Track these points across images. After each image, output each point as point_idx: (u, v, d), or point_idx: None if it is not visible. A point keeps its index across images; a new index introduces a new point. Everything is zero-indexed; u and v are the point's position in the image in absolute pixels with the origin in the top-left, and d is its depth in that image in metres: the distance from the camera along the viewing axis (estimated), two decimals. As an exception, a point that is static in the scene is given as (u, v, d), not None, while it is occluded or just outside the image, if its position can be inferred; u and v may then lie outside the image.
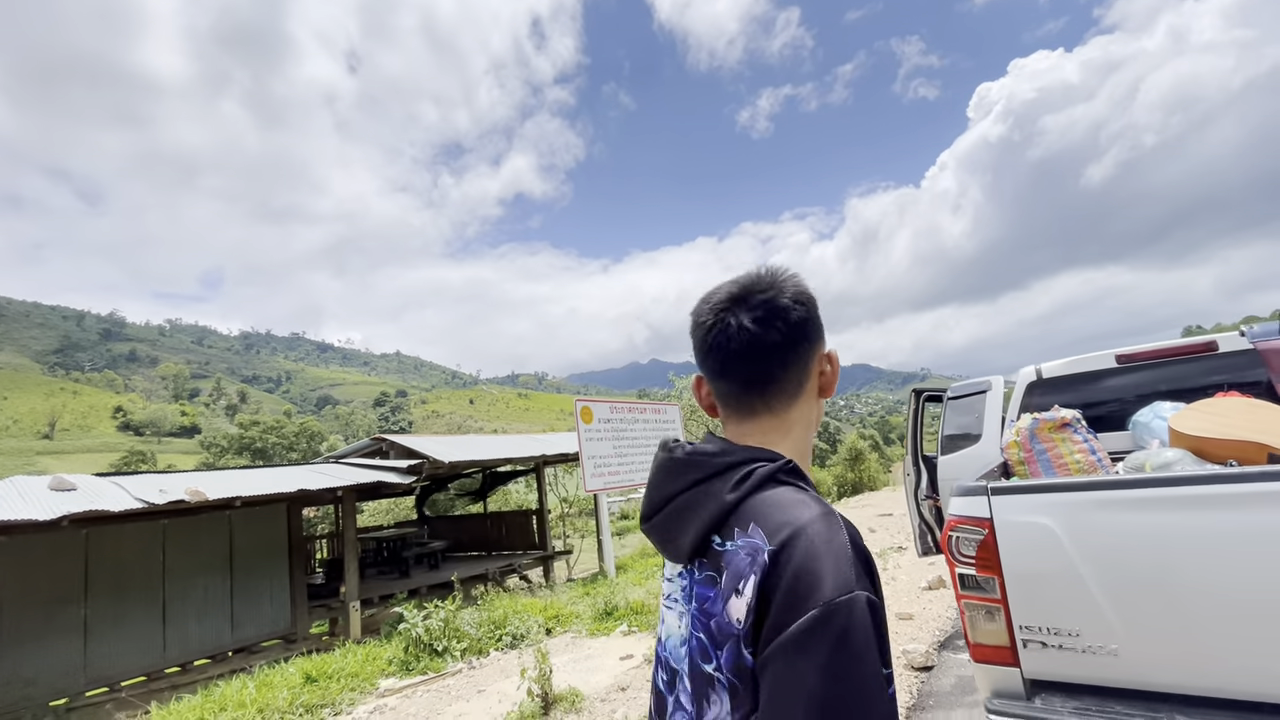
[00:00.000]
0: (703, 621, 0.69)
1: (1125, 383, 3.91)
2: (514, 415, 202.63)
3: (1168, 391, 3.73)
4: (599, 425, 9.03)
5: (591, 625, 6.40)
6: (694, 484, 0.73)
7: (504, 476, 15.30)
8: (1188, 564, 1.80)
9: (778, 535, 0.63)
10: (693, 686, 0.69)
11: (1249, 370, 3.50)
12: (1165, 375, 3.78)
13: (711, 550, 0.70)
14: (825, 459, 49.99)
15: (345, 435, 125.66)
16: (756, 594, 0.62)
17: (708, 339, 0.78)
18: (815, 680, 0.54)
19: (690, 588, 0.73)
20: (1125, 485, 1.92)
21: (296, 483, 7.55)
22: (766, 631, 0.60)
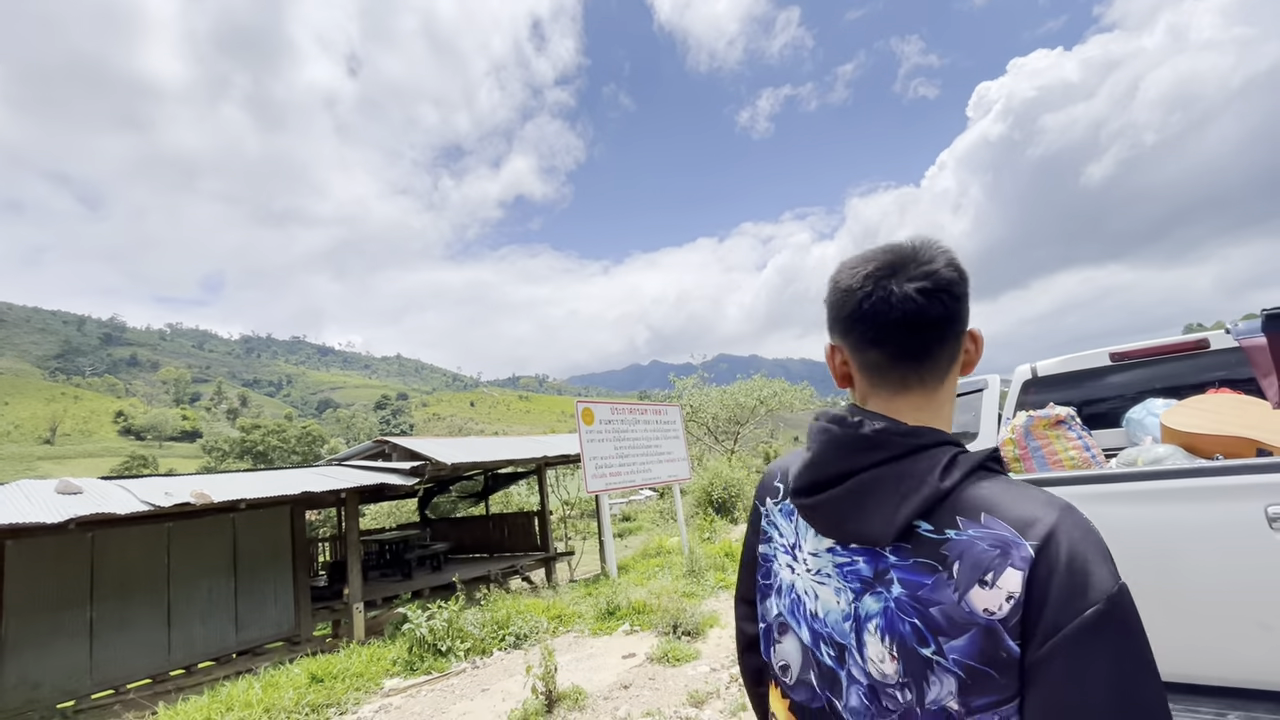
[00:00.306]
0: (915, 608, 0.69)
1: (1119, 380, 3.96)
2: (515, 417, 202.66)
3: (1161, 389, 3.78)
4: (600, 426, 9.07)
5: (594, 625, 6.45)
6: (881, 462, 0.72)
7: (506, 478, 15.35)
8: (1179, 555, 1.85)
9: (1033, 530, 0.65)
10: (906, 666, 0.69)
11: (1241, 367, 3.55)
12: (1159, 373, 3.84)
13: (919, 536, 0.70)
14: (826, 459, 50.09)
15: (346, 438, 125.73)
16: (1025, 588, 0.63)
17: (862, 306, 0.75)
18: (1115, 666, 0.59)
19: (879, 570, 0.72)
20: (1117, 479, 1.97)
21: (300, 485, 7.61)
22: (1045, 625, 0.62)
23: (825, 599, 0.78)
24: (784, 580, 0.85)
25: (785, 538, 0.86)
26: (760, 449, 32.64)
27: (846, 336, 0.79)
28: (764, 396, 26.75)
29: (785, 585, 0.85)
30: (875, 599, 0.72)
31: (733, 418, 27.13)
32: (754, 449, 31.21)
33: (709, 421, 26.84)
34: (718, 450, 27.49)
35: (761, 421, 28.91)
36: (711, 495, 15.58)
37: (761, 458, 30.93)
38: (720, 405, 26.50)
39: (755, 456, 30.45)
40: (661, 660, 5.22)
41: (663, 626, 6.00)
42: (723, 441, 28.08)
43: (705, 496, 15.63)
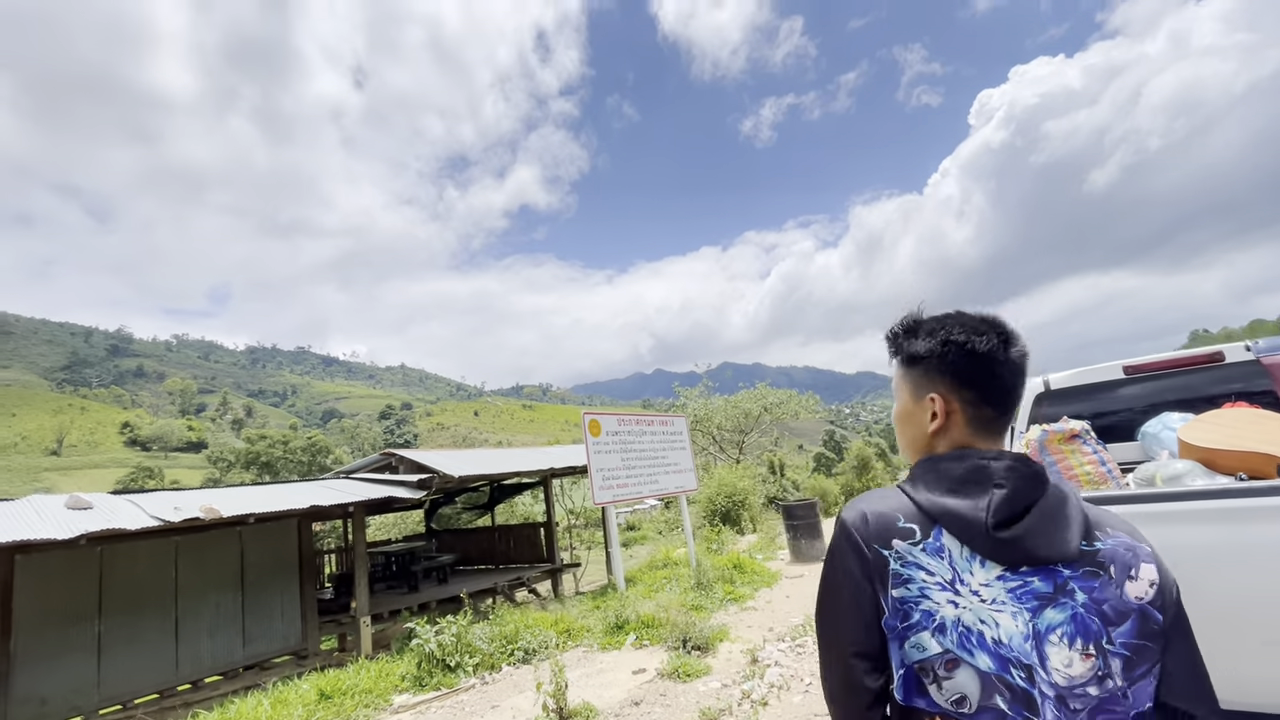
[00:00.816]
0: (1096, 608, 0.86)
1: (1133, 393, 3.93)
2: (519, 427, 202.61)
3: (1175, 402, 3.75)
4: (607, 438, 9.05)
5: (602, 639, 6.41)
6: (1045, 494, 0.90)
7: (511, 489, 15.33)
8: (1207, 577, 1.83)
9: (1138, 535, 0.93)
10: (1101, 660, 0.85)
11: (1256, 380, 3.52)
12: (1172, 385, 3.81)
13: (1082, 551, 0.89)
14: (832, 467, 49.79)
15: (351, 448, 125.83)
16: (1159, 575, 0.89)
17: (1003, 369, 0.96)
18: (1190, 623, 0.89)
19: (1059, 584, 0.88)
20: (1146, 499, 1.95)
21: (308, 499, 7.61)
22: (1169, 598, 0.88)
23: (1005, 624, 0.87)
24: (945, 616, 0.90)
25: (939, 575, 0.91)
26: (765, 457, 32.52)
27: (967, 390, 0.98)
28: (769, 405, 26.70)
29: (949, 621, 0.90)
30: (1058, 610, 0.87)
31: (738, 426, 27.07)
32: (758, 457, 31.11)
33: (714, 430, 26.79)
34: (723, 459, 27.41)
35: (766, 430, 28.83)
36: (717, 505, 15.51)
37: (766, 466, 30.81)
38: (725, 414, 26.45)
39: (759, 465, 30.32)
40: (672, 676, 5.18)
41: (672, 641, 5.96)
42: (728, 450, 28.01)
43: (711, 506, 15.56)
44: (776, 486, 29.03)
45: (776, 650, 5.58)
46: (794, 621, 6.51)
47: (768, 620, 6.77)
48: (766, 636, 6.11)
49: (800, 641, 5.74)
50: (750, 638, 6.13)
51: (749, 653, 5.55)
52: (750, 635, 6.23)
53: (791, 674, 4.97)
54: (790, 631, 6.12)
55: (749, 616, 7.04)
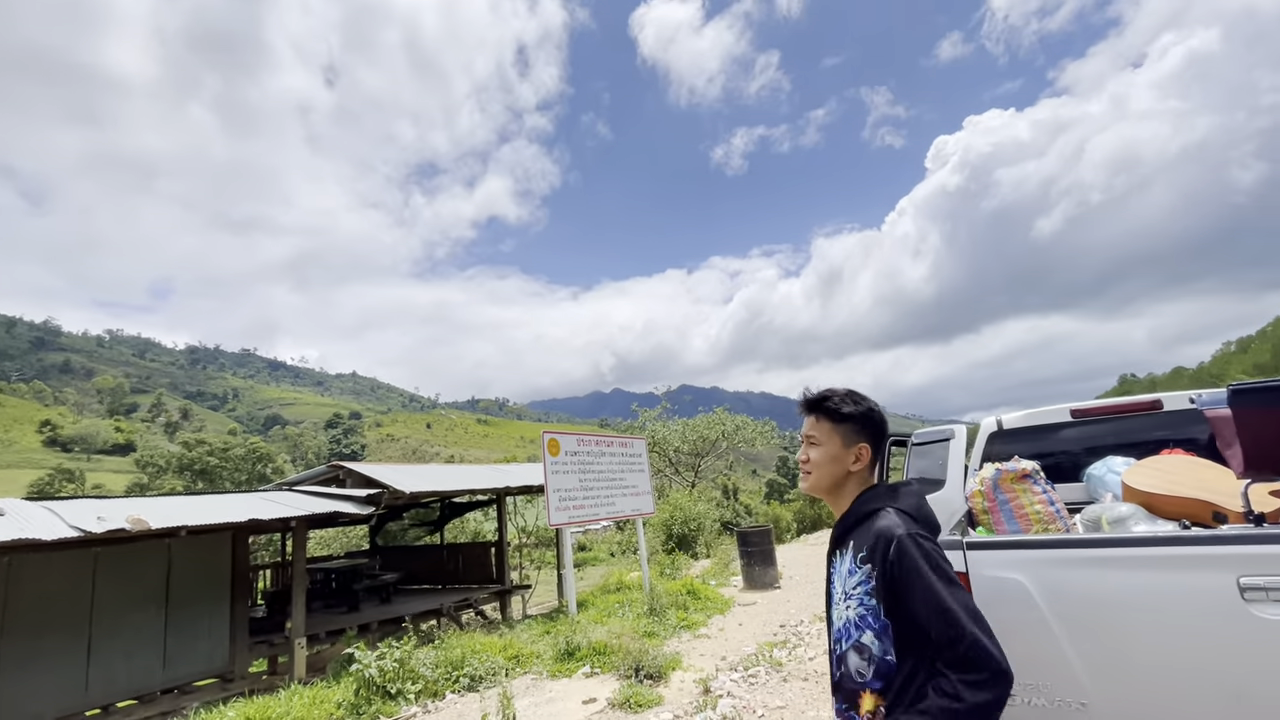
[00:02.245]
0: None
1: (1077, 435, 4.10)
2: (472, 441, 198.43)
3: (1116, 445, 3.93)
4: (565, 458, 8.92)
5: (553, 666, 6.24)
6: None
7: (462, 507, 14.93)
8: (1145, 622, 1.88)
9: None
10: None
11: (1191, 428, 3.73)
12: (1114, 429, 4.00)
13: None
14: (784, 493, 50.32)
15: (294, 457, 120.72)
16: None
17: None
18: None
19: None
20: (1090, 545, 2.01)
21: (248, 511, 7.21)
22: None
23: None
24: None
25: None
26: (719, 480, 32.60)
27: (876, 444, 1.60)
28: (727, 430, 26.89)
29: None
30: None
31: (695, 450, 27.15)
32: (713, 481, 31.21)
33: (671, 453, 26.79)
34: (678, 482, 27.41)
35: (722, 454, 29.02)
36: (673, 530, 15.44)
37: (719, 489, 30.86)
38: (683, 437, 26.52)
39: (714, 488, 30.39)
40: (623, 706, 5.07)
41: (624, 669, 5.84)
42: (683, 473, 28.03)
43: (666, 530, 15.47)
44: (730, 511, 29.13)
45: (729, 680, 5.53)
46: (747, 650, 6.47)
47: (720, 649, 6.72)
48: (719, 665, 6.06)
49: (753, 671, 5.70)
50: (703, 666, 6.06)
51: (702, 682, 5.49)
52: (703, 664, 6.16)
53: (744, 705, 4.92)
54: (743, 661, 6.08)
55: (702, 644, 6.98)
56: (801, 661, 5.94)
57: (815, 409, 1.62)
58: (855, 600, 1.43)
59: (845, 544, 1.52)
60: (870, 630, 1.39)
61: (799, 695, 5.04)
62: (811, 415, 1.63)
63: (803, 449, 1.64)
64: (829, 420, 1.59)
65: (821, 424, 1.60)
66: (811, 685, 5.26)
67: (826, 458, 1.58)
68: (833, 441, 1.58)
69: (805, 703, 4.87)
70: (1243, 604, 1.75)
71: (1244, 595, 1.75)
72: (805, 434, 1.63)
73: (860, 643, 1.40)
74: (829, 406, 1.60)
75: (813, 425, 1.61)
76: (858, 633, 1.41)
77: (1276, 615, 1.71)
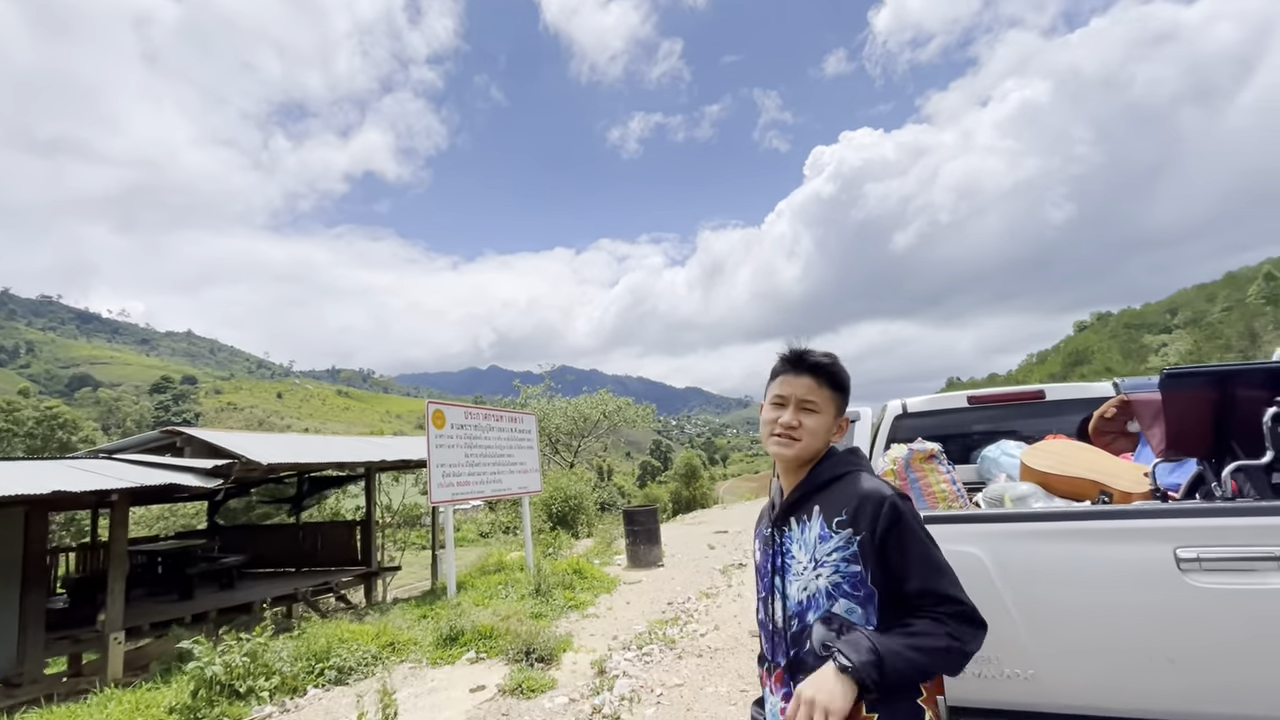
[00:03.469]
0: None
1: (968, 420, 4.41)
2: (331, 414, 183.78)
3: (1002, 431, 4.27)
4: (452, 431, 8.32)
5: (433, 653, 5.77)
6: None
7: (325, 482, 13.63)
8: (1090, 593, 1.95)
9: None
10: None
11: (1065, 415, 4.13)
12: (1000, 415, 4.34)
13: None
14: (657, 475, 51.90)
15: (106, 425, 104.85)
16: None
17: None
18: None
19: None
20: (1045, 519, 2.06)
21: (52, 482, 5.92)
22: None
23: None
24: None
25: None
26: (595, 462, 32.81)
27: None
28: (609, 411, 27.03)
29: None
30: None
31: (576, 430, 27.04)
32: (589, 462, 31.36)
33: (552, 432, 26.45)
34: (557, 462, 27.20)
35: (601, 435, 29.20)
36: (553, 508, 15.18)
37: (595, 471, 31.09)
38: (565, 416, 26.28)
39: (589, 469, 30.53)
40: (515, 692, 4.77)
41: (513, 653, 5.53)
42: (562, 453, 27.85)
43: (547, 509, 15.18)
44: (605, 492, 29.41)
45: (624, 660, 5.42)
46: (638, 629, 6.41)
47: (611, 628, 6.61)
48: (612, 645, 5.93)
49: (647, 650, 5.64)
50: (595, 647, 5.91)
51: (596, 664, 5.33)
52: (595, 644, 6.00)
53: (641, 684, 4.82)
54: (636, 639, 6.01)
55: (591, 624, 6.82)
56: (694, 638, 5.97)
57: (819, 372, 1.47)
58: (829, 568, 1.34)
59: (806, 509, 1.43)
60: (848, 599, 1.32)
61: (695, 672, 5.04)
62: (812, 378, 1.47)
63: (791, 412, 1.46)
64: (831, 387, 1.47)
65: (823, 390, 1.46)
66: (706, 661, 5.29)
67: (822, 427, 1.46)
68: (829, 410, 1.47)
69: (702, 679, 4.87)
70: (1179, 574, 1.85)
71: (1180, 566, 1.85)
72: (800, 398, 1.46)
73: (831, 612, 1.32)
74: (834, 371, 1.48)
75: (812, 389, 1.46)
76: (829, 602, 1.33)
77: (1207, 584, 1.82)
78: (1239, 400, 2.08)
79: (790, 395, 1.47)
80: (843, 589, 1.32)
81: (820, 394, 1.46)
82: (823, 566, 1.35)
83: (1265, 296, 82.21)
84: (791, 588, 1.40)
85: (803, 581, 1.37)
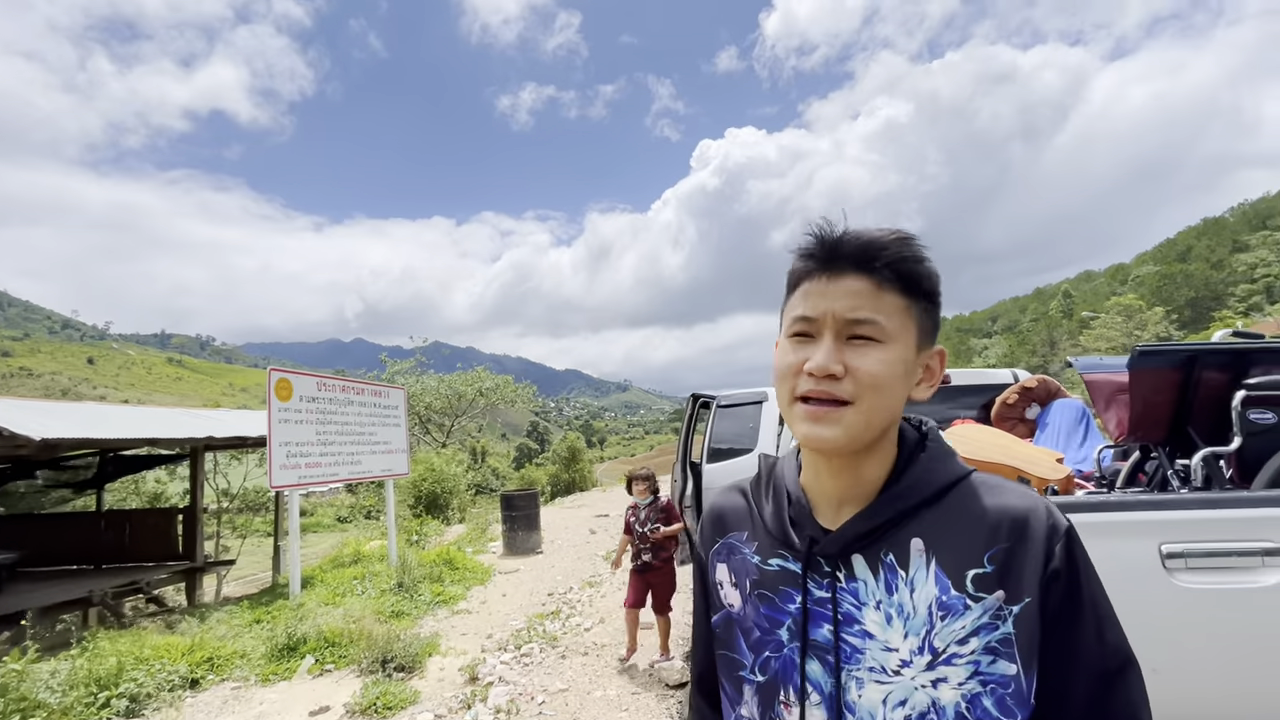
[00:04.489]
0: None
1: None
2: (159, 384, 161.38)
3: (905, 416, 4.21)
4: (300, 404, 7.15)
5: (265, 667, 4.81)
6: None
7: (136, 463, 11.50)
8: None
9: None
10: None
11: (964, 399, 4.14)
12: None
13: None
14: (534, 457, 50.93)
15: None
16: None
17: None
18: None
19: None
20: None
21: None
22: None
23: None
24: None
25: None
26: (468, 443, 31.41)
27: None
28: (485, 389, 25.83)
29: None
30: None
31: (449, 409, 25.58)
32: (462, 443, 29.99)
33: (422, 409, 24.77)
34: (428, 442, 25.62)
35: (477, 415, 27.94)
36: (423, 492, 14.02)
37: (469, 453, 29.78)
38: (437, 394, 24.72)
39: (462, 450, 29.19)
40: (368, 711, 4.04)
41: (367, 662, 4.74)
42: (434, 433, 26.29)
43: (415, 493, 14.00)
44: (479, 474, 28.23)
45: (499, 663, 4.84)
46: (515, 625, 5.84)
47: (485, 625, 5.97)
48: (486, 646, 5.32)
49: (525, 650, 5.09)
50: (466, 648, 5.26)
51: (467, 669, 4.70)
52: (466, 645, 5.35)
53: (520, 691, 4.28)
54: (513, 638, 5.43)
55: (462, 621, 6.14)
56: (577, 633, 5.51)
57: (874, 261, 0.72)
58: (966, 666, 0.68)
59: (893, 542, 0.73)
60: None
61: (581, 673, 4.58)
62: (862, 276, 0.72)
63: (830, 350, 0.71)
64: (902, 290, 0.72)
65: (887, 296, 0.72)
66: (593, 660, 4.85)
67: (898, 367, 0.71)
68: (906, 335, 0.72)
69: (589, 682, 4.42)
70: (1164, 573, 1.64)
71: (1165, 563, 1.64)
72: (844, 314, 0.71)
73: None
74: (908, 259, 0.72)
75: (865, 296, 0.71)
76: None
77: (1195, 584, 1.62)
78: (1201, 383, 1.95)
79: (825, 314, 0.72)
80: (982, 708, 0.67)
81: (885, 304, 0.71)
82: (950, 663, 0.68)
83: (1063, 311, 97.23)
84: (858, 689, 0.71)
85: (894, 685, 0.70)
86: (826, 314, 0.71)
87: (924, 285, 0.73)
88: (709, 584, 0.90)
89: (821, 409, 0.70)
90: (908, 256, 0.72)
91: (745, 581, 0.83)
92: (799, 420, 0.72)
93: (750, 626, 0.81)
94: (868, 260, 0.71)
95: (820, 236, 0.74)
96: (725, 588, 0.86)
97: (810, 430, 0.71)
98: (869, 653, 0.71)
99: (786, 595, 0.78)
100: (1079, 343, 65.75)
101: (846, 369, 0.69)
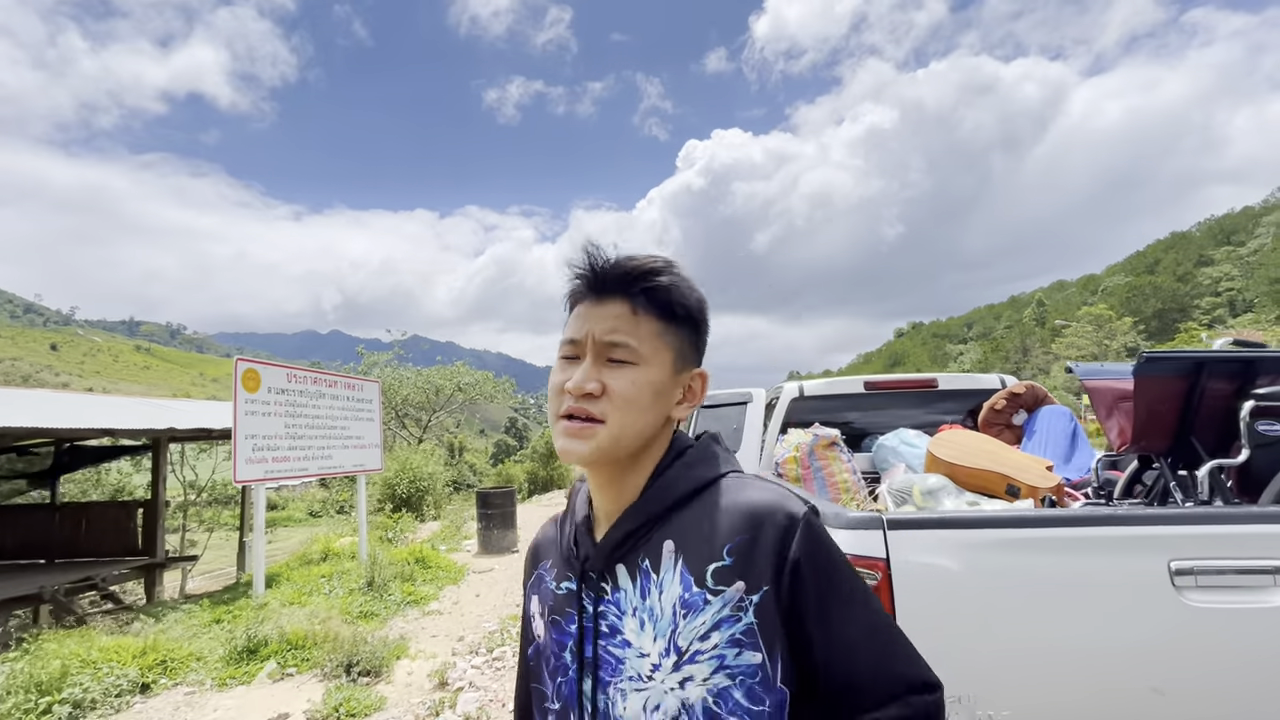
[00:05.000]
0: None
1: (862, 406, 4.22)
2: (126, 373, 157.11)
3: (892, 419, 4.13)
4: (268, 395, 6.88)
5: (222, 671, 4.59)
6: None
7: (95, 454, 11.07)
8: (1076, 607, 1.62)
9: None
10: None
11: (950, 404, 4.08)
12: (890, 402, 4.19)
13: None
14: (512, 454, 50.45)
15: None
16: None
17: None
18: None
19: None
20: (1035, 524, 1.69)
21: None
22: None
23: None
24: None
25: None
26: (445, 439, 31.02)
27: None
28: (464, 384, 25.48)
29: None
30: None
31: (426, 403, 25.18)
32: (440, 438, 29.60)
33: (399, 404, 24.35)
34: (404, 436, 25.20)
35: (455, 410, 27.56)
36: (398, 489, 13.74)
37: (445, 447, 29.40)
38: (414, 387, 24.30)
39: (440, 446, 28.82)
40: (331, 718, 3.85)
41: (332, 666, 4.55)
42: (410, 428, 25.86)
43: (390, 489, 13.71)
44: (456, 470, 27.87)
45: (470, 667, 4.68)
46: (488, 627, 5.68)
47: (456, 626, 5.80)
48: (456, 649, 5.15)
49: (498, 653, 4.93)
50: (436, 651, 5.08)
51: (436, 674, 4.53)
52: (436, 648, 5.18)
53: (491, 697, 4.13)
54: (485, 641, 5.27)
55: (433, 623, 5.96)
56: (552, 636, 5.37)
57: (631, 287, 0.77)
58: (709, 661, 0.69)
59: (646, 549, 0.76)
60: (745, 714, 0.68)
61: (554, 678, 4.44)
62: (620, 301, 0.77)
63: (587, 370, 0.75)
64: (659, 315, 0.77)
65: (643, 321, 0.76)
66: (567, 664, 4.71)
67: (645, 391, 0.75)
68: (660, 358, 0.77)
69: (563, 687, 4.28)
70: (1173, 591, 1.56)
71: (1174, 581, 1.56)
72: (601, 338, 0.76)
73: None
74: (663, 285, 0.77)
75: (623, 319, 0.76)
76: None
77: (1204, 603, 1.54)
78: (1205, 392, 1.88)
79: (586, 336, 0.77)
80: (733, 701, 0.68)
81: (637, 327, 0.76)
82: (694, 661, 0.70)
83: (1036, 319, 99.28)
84: (623, 701, 0.73)
85: (649, 691, 0.71)
86: (588, 336, 0.77)
87: (679, 311, 0.79)
88: (525, 617, 0.92)
89: (576, 425, 0.75)
90: (664, 284, 0.77)
91: (545, 609, 0.85)
92: (558, 436, 0.77)
93: (550, 655, 0.82)
94: (626, 286, 0.77)
95: (590, 264, 0.79)
96: (535, 620, 0.88)
97: (563, 444, 0.76)
98: (628, 662, 0.74)
99: (570, 616, 0.80)
100: (1051, 350, 67.13)
101: (604, 389, 0.74)
